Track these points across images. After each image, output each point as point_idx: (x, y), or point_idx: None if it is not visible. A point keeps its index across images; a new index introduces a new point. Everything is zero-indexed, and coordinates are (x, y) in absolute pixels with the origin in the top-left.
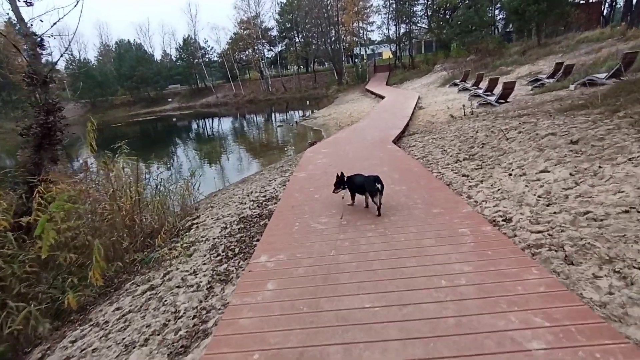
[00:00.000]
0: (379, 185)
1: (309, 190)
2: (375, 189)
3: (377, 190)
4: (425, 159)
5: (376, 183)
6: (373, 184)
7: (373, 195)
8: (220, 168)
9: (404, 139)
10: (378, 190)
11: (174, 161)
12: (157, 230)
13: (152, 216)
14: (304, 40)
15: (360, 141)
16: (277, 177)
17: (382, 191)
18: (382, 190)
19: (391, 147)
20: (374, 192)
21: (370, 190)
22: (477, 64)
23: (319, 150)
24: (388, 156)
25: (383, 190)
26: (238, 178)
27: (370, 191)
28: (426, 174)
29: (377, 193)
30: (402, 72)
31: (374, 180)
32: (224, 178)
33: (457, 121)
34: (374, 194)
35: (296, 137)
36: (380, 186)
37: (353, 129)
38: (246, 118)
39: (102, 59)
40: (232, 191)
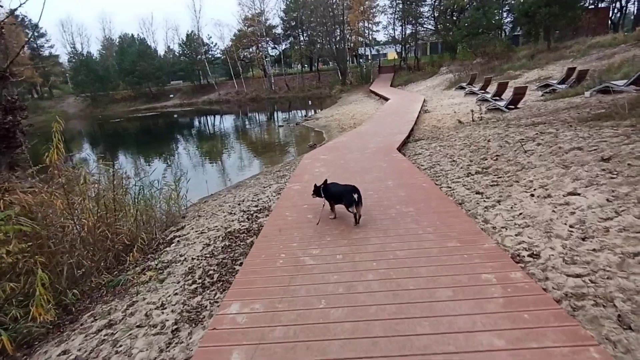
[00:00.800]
0: (356, 195)
1: (301, 208)
2: (352, 199)
3: (354, 201)
4: (433, 170)
5: (353, 193)
6: (350, 194)
7: (349, 205)
8: (217, 169)
9: (409, 145)
10: (355, 200)
11: (169, 161)
12: (134, 244)
13: (130, 228)
14: (308, 38)
15: (362, 148)
16: (273, 183)
17: (360, 202)
18: (360, 201)
19: (396, 155)
20: (351, 202)
21: (348, 201)
22: (483, 68)
23: (317, 157)
24: (392, 167)
25: (361, 201)
26: (234, 179)
27: (348, 201)
28: (437, 193)
29: (354, 204)
30: (407, 73)
31: (351, 190)
32: (220, 180)
33: (465, 127)
34: (351, 204)
35: (297, 139)
36: (357, 196)
37: (355, 132)
38: (248, 116)
39: (105, 53)
40: (223, 197)
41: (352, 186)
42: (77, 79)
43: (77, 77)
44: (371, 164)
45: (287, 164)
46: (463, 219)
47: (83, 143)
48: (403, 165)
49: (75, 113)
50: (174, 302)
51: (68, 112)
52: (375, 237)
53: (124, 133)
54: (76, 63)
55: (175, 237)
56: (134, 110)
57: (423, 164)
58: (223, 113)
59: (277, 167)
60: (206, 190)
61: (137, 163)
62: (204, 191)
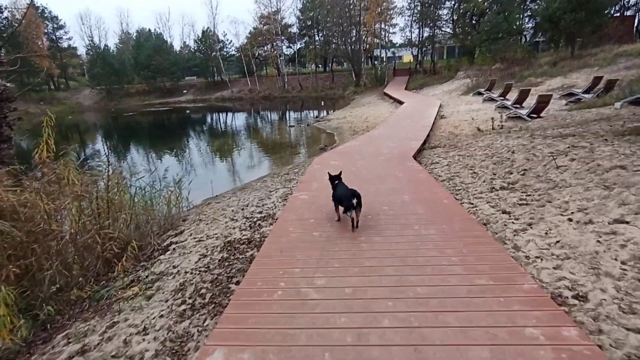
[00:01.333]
0: (355, 200)
1: (307, 222)
2: (351, 204)
3: (352, 206)
4: (452, 182)
5: (353, 198)
6: (350, 199)
7: (347, 210)
8: (225, 168)
9: (424, 152)
10: (353, 206)
11: (177, 157)
12: (125, 251)
13: (123, 233)
14: (323, 38)
15: (375, 154)
16: (280, 187)
17: (359, 207)
18: (360, 207)
19: (411, 164)
20: (349, 207)
21: (346, 206)
22: (503, 73)
23: (327, 162)
24: (409, 178)
25: (360, 207)
26: (242, 180)
27: (346, 206)
28: (460, 212)
29: (352, 208)
30: (423, 77)
31: (351, 195)
32: (227, 179)
33: (485, 136)
34: (349, 209)
35: (307, 140)
36: (356, 202)
37: (368, 137)
38: (260, 115)
39: (122, 47)
40: (227, 200)
41: (352, 191)
42: (93, 72)
43: (93, 69)
44: (385, 173)
45: (296, 166)
46: (493, 246)
47: (95, 135)
48: (420, 177)
49: (90, 105)
50: (157, 327)
51: (83, 104)
52: (391, 266)
53: (136, 127)
54: (93, 56)
55: (172, 243)
56: (147, 104)
57: (441, 175)
58: (235, 110)
59: (286, 169)
60: (211, 190)
61: (145, 158)
62: (210, 191)
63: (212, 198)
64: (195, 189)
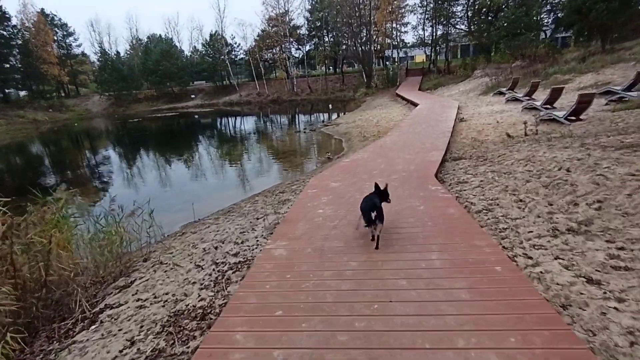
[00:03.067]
0: (373, 214)
1: (270, 319)
2: (370, 219)
3: (371, 221)
4: (491, 215)
5: (371, 212)
6: (368, 212)
7: (368, 225)
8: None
9: (446, 164)
10: (372, 220)
11: (175, 168)
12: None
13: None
14: (333, 39)
15: (388, 171)
16: (270, 212)
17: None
18: (382, 220)
19: (435, 188)
20: (368, 222)
21: (365, 220)
22: (524, 71)
23: (325, 183)
24: (433, 213)
25: (382, 221)
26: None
27: (365, 220)
28: (525, 289)
29: (371, 224)
30: (437, 76)
31: (369, 208)
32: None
33: (519, 144)
34: (368, 224)
35: (313, 148)
36: (375, 215)
37: (379, 146)
38: (267, 119)
39: (132, 53)
40: (205, 230)
41: (371, 203)
42: (101, 78)
43: (102, 75)
44: (400, 203)
45: (294, 182)
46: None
47: (91, 144)
48: (449, 212)
49: (99, 112)
50: None
51: (92, 111)
52: None
53: (137, 133)
54: (102, 62)
55: (107, 307)
56: (155, 110)
57: (473, 202)
58: (244, 114)
59: (282, 186)
60: (199, 209)
61: (139, 168)
62: (199, 209)
63: (192, 225)
64: (182, 208)
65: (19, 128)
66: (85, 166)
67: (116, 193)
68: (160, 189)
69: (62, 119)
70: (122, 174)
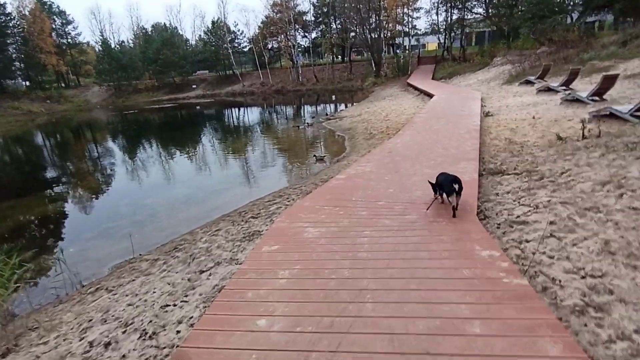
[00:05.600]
0: (456, 185)
1: None
2: (452, 189)
3: (453, 191)
4: (614, 329)
5: (453, 183)
6: (450, 184)
7: (449, 195)
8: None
9: (482, 182)
10: (455, 190)
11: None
12: None
13: None
14: (341, 26)
15: (400, 201)
16: (225, 258)
17: (459, 192)
18: (460, 192)
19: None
20: (451, 192)
21: (448, 191)
22: (553, 58)
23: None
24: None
25: (461, 192)
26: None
27: (448, 191)
28: None
29: (454, 193)
30: (452, 64)
31: (451, 180)
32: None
33: (580, 151)
34: (450, 194)
35: (310, 146)
36: (457, 187)
37: (387, 153)
38: (270, 110)
39: (137, 42)
40: (123, 289)
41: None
42: (100, 67)
43: (101, 65)
44: (425, 298)
45: (275, 198)
46: None
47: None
48: (525, 323)
49: (98, 102)
50: None
51: (91, 102)
52: None
53: (125, 129)
54: (100, 51)
55: None
56: (155, 100)
57: (556, 277)
58: (246, 105)
59: (258, 206)
60: (149, 235)
61: (95, 174)
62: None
63: (127, 265)
64: (134, 229)
65: (9, 121)
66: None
67: (65, 207)
68: (116, 201)
69: (60, 111)
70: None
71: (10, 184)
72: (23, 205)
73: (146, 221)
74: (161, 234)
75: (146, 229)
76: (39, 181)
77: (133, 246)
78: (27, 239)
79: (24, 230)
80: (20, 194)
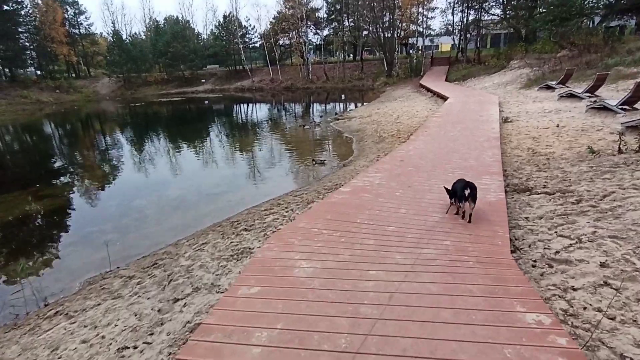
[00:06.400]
0: (467, 191)
1: None
2: (464, 195)
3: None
4: None
5: (465, 189)
6: (462, 189)
7: (460, 200)
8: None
9: (509, 202)
10: (466, 196)
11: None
12: None
13: None
14: (354, 24)
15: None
16: (206, 282)
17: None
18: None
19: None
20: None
21: (460, 196)
22: (574, 62)
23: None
24: None
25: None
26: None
27: (460, 196)
28: None
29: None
30: (466, 66)
31: (464, 186)
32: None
33: (619, 168)
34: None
35: (315, 147)
36: (469, 192)
37: (398, 162)
38: (278, 108)
39: (149, 34)
40: (84, 319)
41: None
42: (110, 59)
43: (111, 56)
44: None
45: (272, 207)
46: None
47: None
48: None
49: (107, 94)
50: None
51: (100, 93)
52: None
53: (127, 122)
54: (111, 42)
55: None
56: (164, 94)
57: (625, 352)
58: (255, 101)
59: (252, 216)
60: (132, 243)
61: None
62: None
63: (100, 280)
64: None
65: (16, 110)
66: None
67: (48, 206)
68: (105, 201)
69: (68, 101)
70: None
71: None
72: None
73: (132, 226)
74: (145, 242)
75: (130, 235)
76: (25, 176)
77: (110, 258)
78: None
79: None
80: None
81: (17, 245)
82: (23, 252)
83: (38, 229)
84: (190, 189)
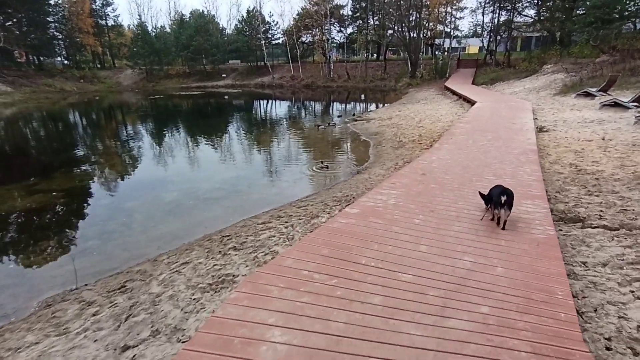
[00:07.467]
0: (503, 197)
1: None
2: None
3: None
4: None
5: (502, 196)
6: (499, 196)
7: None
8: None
9: (565, 241)
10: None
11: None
12: None
13: None
14: (379, 22)
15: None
16: (169, 323)
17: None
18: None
19: None
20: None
21: (496, 202)
22: (617, 68)
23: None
24: None
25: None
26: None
27: (495, 203)
28: None
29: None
30: (495, 70)
31: (500, 192)
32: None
33: None
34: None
35: (329, 149)
36: (504, 199)
37: (419, 177)
38: (298, 105)
39: (172, 27)
40: (39, 347)
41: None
42: (133, 51)
43: (134, 48)
44: None
45: (267, 224)
46: None
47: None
48: None
49: (129, 85)
50: None
51: (122, 84)
52: None
53: (143, 114)
54: (136, 34)
55: None
56: (185, 87)
57: None
58: (274, 98)
59: (246, 230)
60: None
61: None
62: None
63: (59, 300)
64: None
65: (38, 97)
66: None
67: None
68: (93, 201)
69: (91, 91)
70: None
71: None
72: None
73: (116, 232)
74: (124, 254)
75: (110, 244)
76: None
77: (79, 273)
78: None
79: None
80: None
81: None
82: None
83: (16, 229)
84: (189, 191)
